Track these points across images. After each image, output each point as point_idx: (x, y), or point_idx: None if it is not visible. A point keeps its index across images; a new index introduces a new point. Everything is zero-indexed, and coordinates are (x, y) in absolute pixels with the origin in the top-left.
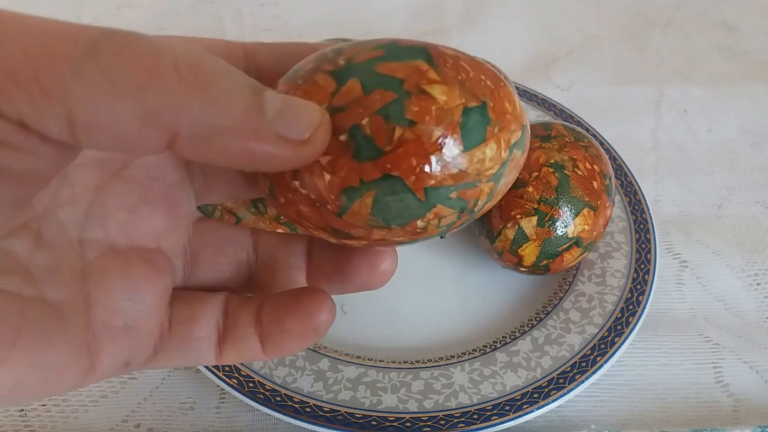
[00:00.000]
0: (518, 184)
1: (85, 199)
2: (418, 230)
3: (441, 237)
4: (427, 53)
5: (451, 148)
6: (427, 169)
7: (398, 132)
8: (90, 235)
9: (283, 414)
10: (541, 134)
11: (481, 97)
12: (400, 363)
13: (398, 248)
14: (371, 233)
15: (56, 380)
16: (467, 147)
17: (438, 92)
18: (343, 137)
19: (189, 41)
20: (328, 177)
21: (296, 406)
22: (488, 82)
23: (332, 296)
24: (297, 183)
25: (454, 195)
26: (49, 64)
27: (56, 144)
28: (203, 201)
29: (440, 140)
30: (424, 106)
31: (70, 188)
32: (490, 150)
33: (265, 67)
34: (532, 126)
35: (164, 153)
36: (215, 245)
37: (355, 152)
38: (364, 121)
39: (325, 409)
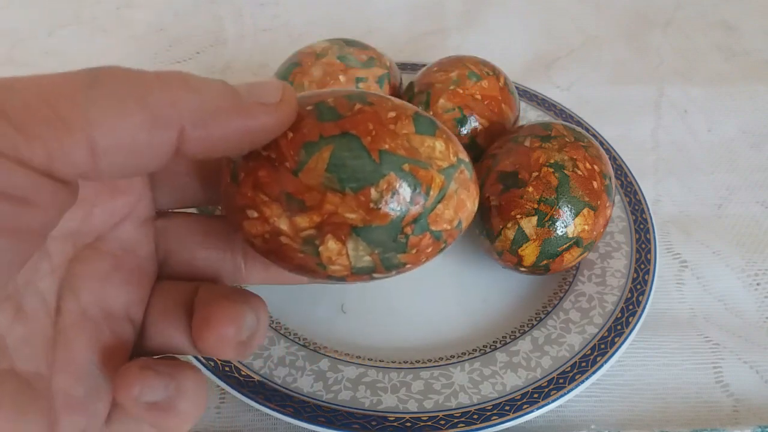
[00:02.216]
0: (518, 184)
1: (61, 270)
2: (371, 204)
3: (394, 241)
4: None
5: (404, 125)
6: (382, 132)
7: (358, 105)
8: (64, 304)
9: (283, 414)
10: (541, 134)
11: (431, 117)
12: (400, 363)
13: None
14: (324, 200)
15: None
16: (418, 131)
17: (395, 99)
18: (309, 107)
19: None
20: (290, 135)
21: (296, 406)
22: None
23: (331, 295)
24: (262, 148)
25: (407, 167)
26: (64, 98)
27: (64, 187)
28: (162, 274)
29: (395, 119)
30: (383, 99)
31: (48, 261)
32: (439, 144)
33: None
34: (532, 126)
35: (139, 227)
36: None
37: (318, 115)
38: (329, 99)
39: (325, 409)
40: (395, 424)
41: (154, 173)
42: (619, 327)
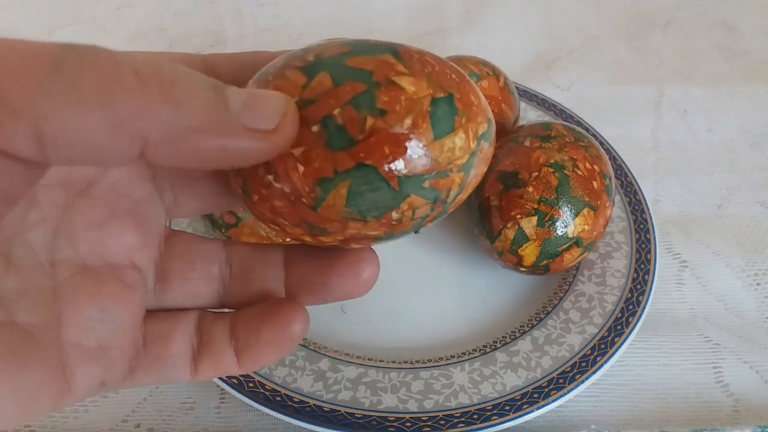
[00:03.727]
0: (518, 184)
1: (53, 220)
2: (393, 222)
3: (415, 232)
4: (393, 49)
5: (422, 136)
6: (398, 153)
7: (370, 121)
8: (60, 255)
9: (283, 414)
10: (541, 134)
11: (447, 89)
12: (400, 363)
13: (398, 249)
14: (346, 227)
15: (33, 404)
16: (437, 135)
17: (406, 83)
18: (315, 128)
19: (149, 53)
20: (302, 168)
21: (296, 406)
22: (453, 76)
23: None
24: (270, 177)
25: (426, 184)
26: (15, 83)
27: (23, 162)
28: (174, 216)
29: (411, 128)
30: (394, 96)
31: (38, 210)
32: (459, 139)
33: (225, 77)
34: (532, 126)
35: (131, 167)
36: (186, 260)
37: (328, 142)
38: (336, 112)
39: (325, 409)
40: (395, 424)
41: (173, 178)
42: (619, 327)
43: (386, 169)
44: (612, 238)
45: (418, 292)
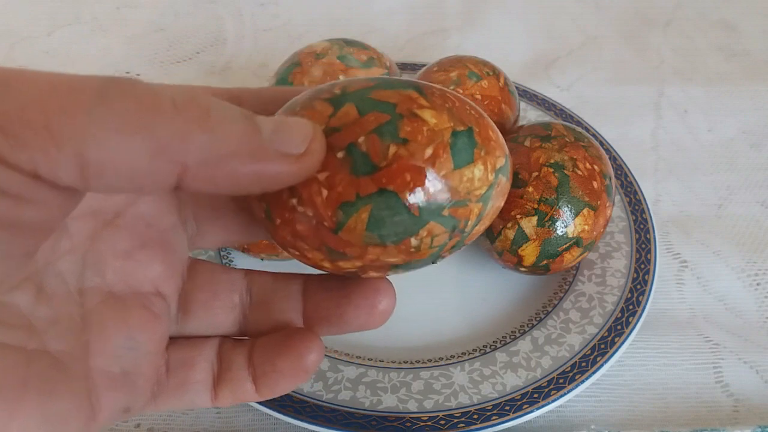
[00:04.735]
0: (518, 184)
1: (81, 249)
2: (412, 249)
3: (433, 262)
4: (416, 85)
5: (443, 166)
6: (419, 181)
7: (392, 149)
8: (88, 283)
9: (283, 414)
10: (541, 134)
11: (467, 123)
12: (400, 363)
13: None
14: (366, 252)
15: (62, 431)
16: (457, 165)
17: (428, 116)
18: (340, 154)
19: (183, 86)
20: (325, 192)
21: (296, 406)
22: (473, 112)
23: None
24: (294, 201)
25: (446, 212)
26: (63, 112)
27: (63, 191)
28: (196, 247)
29: (432, 157)
30: (416, 127)
31: (68, 239)
32: (478, 171)
33: (251, 109)
34: (532, 126)
35: (157, 199)
36: (208, 290)
37: (352, 168)
38: (360, 140)
39: (325, 409)
40: (395, 424)
41: (199, 210)
42: (619, 327)
43: (407, 195)
44: (612, 238)
45: (417, 292)
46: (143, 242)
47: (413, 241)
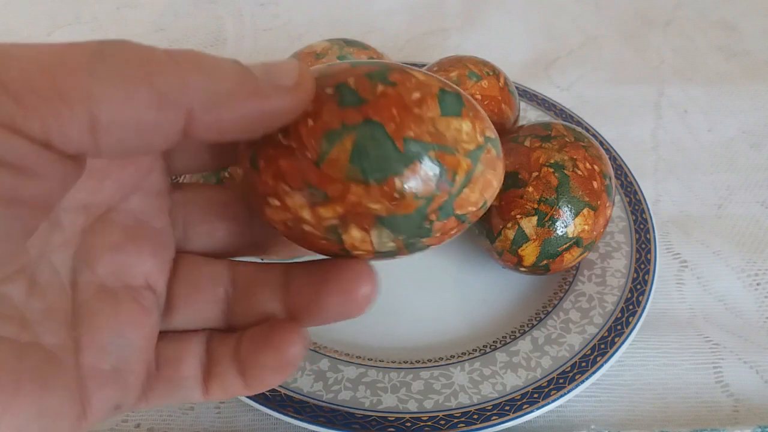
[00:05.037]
0: (518, 184)
1: (74, 242)
2: (396, 195)
3: (419, 230)
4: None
5: (429, 108)
6: (406, 118)
7: (380, 87)
8: (80, 277)
9: (283, 414)
10: (541, 134)
11: (456, 91)
12: (400, 363)
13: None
14: (348, 191)
15: (55, 427)
16: (444, 113)
17: (418, 74)
18: (329, 90)
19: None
20: (311, 122)
21: (296, 406)
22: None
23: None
24: (280, 135)
25: (432, 154)
26: (66, 72)
27: (68, 161)
28: (183, 249)
29: (419, 100)
30: (406, 77)
31: (61, 233)
32: (466, 125)
33: None
34: (532, 126)
35: (148, 196)
36: (191, 283)
37: (339, 100)
38: (350, 79)
39: (325, 409)
40: (395, 424)
41: None
42: (619, 327)
43: (393, 128)
44: (612, 238)
45: (417, 292)
46: (135, 236)
47: (397, 183)
